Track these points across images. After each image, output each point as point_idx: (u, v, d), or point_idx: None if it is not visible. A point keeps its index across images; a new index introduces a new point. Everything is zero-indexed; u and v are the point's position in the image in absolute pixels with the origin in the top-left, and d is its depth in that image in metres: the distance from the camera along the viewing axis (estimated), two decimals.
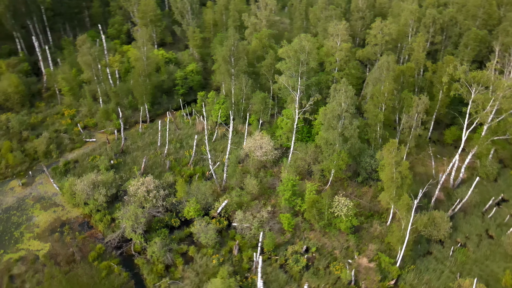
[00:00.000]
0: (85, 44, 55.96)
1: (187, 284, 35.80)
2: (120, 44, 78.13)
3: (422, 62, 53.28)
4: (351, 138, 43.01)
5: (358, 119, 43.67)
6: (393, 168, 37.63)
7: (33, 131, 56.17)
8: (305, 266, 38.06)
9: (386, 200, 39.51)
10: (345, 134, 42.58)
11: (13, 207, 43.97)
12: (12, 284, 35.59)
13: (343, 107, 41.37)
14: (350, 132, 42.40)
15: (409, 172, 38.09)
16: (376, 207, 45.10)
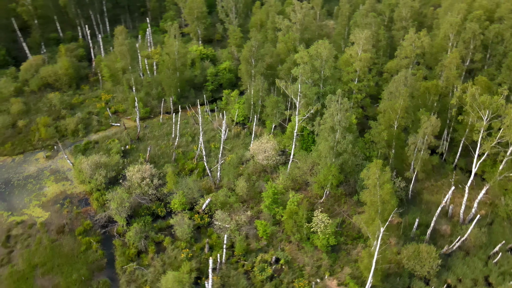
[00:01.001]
0: (121, 35, 60.19)
1: (150, 272, 37.35)
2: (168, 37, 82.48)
3: (452, 81, 48.57)
4: (344, 153, 40.98)
5: (353, 134, 41.33)
6: (375, 190, 35.24)
7: (71, 111, 62.09)
8: (269, 276, 37.40)
9: (360, 222, 37.09)
10: (337, 149, 40.72)
11: (32, 176, 49.33)
12: (6, 243, 40.20)
13: (335, 120, 39.56)
14: (342, 146, 40.44)
15: (392, 197, 35.36)
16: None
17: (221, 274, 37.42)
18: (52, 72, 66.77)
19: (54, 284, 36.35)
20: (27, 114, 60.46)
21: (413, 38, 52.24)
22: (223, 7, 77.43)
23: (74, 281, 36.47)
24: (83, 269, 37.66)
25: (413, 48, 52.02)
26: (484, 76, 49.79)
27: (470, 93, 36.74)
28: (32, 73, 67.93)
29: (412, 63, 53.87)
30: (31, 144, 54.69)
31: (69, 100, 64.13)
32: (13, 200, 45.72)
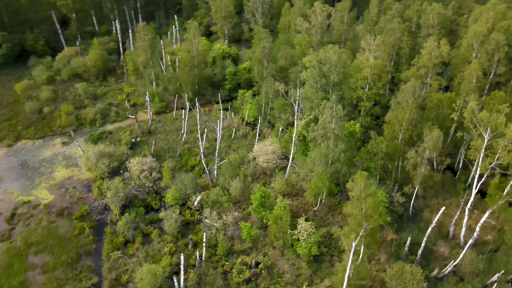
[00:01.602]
0: (143, 31, 62.32)
1: (132, 261, 38.52)
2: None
3: (470, 95, 45.45)
4: (336, 162, 39.78)
5: (347, 143, 39.90)
6: (358, 203, 33.92)
7: (94, 101, 65.26)
8: (246, 279, 37.23)
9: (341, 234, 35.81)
10: (330, 157, 39.61)
11: (46, 160, 52.55)
12: (10, 220, 43.19)
13: (328, 127, 38.49)
14: (335, 155, 39.27)
15: (375, 211, 33.79)
16: None
17: (199, 272, 37.80)
18: (82, 63, 70.55)
19: (44, 263, 38.56)
20: (54, 101, 64.36)
21: (432, 47, 49.56)
22: (250, 7, 77.67)
23: (61, 263, 38.46)
24: (72, 252, 39.63)
25: (431, 57, 49.32)
26: (507, 91, 46.25)
27: (469, 108, 34.22)
28: (64, 63, 72.22)
29: (430, 73, 51.14)
30: (52, 130, 58.23)
31: (94, 90, 67.41)
32: (25, 181, 48.97)
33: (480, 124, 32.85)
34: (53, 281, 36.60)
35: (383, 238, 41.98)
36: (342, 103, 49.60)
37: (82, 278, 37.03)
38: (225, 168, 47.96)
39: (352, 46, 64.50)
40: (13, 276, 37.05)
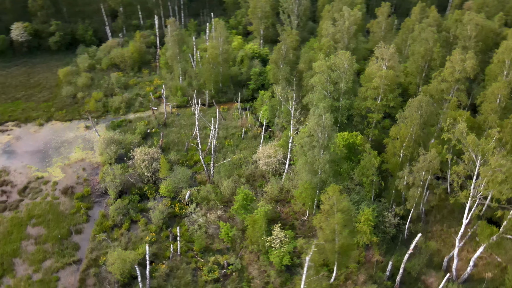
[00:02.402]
0: (171, 26, 64.53)
1: (114, 245, 40.30)
2: (234, 34, 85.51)
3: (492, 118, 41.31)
4: (322, 173, 38.26)
5: (330, 154, 38.06)
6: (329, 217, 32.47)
7: (124, 90, 69.02)
8: (215, 279, 37.31)
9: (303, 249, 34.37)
10: (314, 166, 38.20)
11: (67, 141, 56.67)
12: (22, 193, 47.30)
13: (314, 135, 37.12)
14: (319, 165, 37.80)
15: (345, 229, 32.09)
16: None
17: (172, 264, 38.59)
18: (120, 54, 74.91)
19: (39, 235, 41.78)
20: (89, 88, 69.10)
21: (456, 60, 45.58)
22: (286, 9, 76.93)
23: (53, 237, 41.39)
24: (64, 229, 42.48)
25: (453, 71, 45.39)
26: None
27: (458, 129, 30.93)
28: (105, 53, 77.16)
29: (453, 89, 47.09)
30: (79, 114, 62.61)
31: (126, 80, 71.25)
32: (45, 158, 53.26)
33: (469, 149, 29.64)
34: (41, 253, 39.54)
35: (368, 258, 39.68)
36: (350, 112, 47.83)
37: (66, 254, 39.55)
38: (221, 167, 48.26)
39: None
40: (9, 243, 40.64)
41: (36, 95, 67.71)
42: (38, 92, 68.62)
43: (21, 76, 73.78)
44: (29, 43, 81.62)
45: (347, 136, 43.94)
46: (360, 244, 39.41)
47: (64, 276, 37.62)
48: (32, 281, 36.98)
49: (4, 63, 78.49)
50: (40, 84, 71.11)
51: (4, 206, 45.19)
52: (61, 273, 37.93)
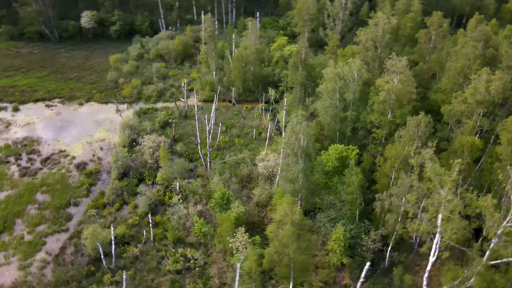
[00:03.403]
0: (207, 22, 66.37)
1: (99, 222, 43.11)
2: (282, 34, 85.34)
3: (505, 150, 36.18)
4: (295, 182, 36.84)
5: (305, 164, 36.18)
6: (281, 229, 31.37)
7: (162, 80, 72.87)
8: (177, 270, 38.11)
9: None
10: (288, 176, 36.93)
11: (97, 121, 61.58)
12: (43, 162, 52.66)
13: (289, 142, 35.84)
14: (293, 174, 36.44)
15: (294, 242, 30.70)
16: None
17: (144, 249, 40.23)
18: (166, 46, 79.11)
19: (43, 202, 46.32)
20: (131, 75, 74.11)
21: (483, 80, 40.60)
22: (331, 13, 74.63)
23: (53, 205, 45.60)
24: (65, 200, 46.51)
25: (475, 93, 40.50)
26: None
27: (424, 154, 27.32)
28: (154, 44, 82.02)
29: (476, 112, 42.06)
30: (115, 97, 67.57)
31: (166, 71, 75.13)
32: (73, 134, 58.59)
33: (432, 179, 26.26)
34: (38, 218, 43.83)
35: (337, 281, 37.37)
36: (356, 125, 45.37)
37: (58, 222, 43.33)
38: (217, 164, 48.82)
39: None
40: (17, 204, 45.69)
41: (86, 77, 74.44)
42: (88, 75, 75.37)
43: (80, 59, 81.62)
44: (95, 30, 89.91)
45: (341, 149, 41.65)
46: (330, 263, 37.37)
47: (50, 242, 41.31)
48: (23, 241, 41.22)
49: (71, 46, 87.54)
50: (92, 68, 78.02)
51: (25, 172, 50.77)
52: (49, 239, 41.71)
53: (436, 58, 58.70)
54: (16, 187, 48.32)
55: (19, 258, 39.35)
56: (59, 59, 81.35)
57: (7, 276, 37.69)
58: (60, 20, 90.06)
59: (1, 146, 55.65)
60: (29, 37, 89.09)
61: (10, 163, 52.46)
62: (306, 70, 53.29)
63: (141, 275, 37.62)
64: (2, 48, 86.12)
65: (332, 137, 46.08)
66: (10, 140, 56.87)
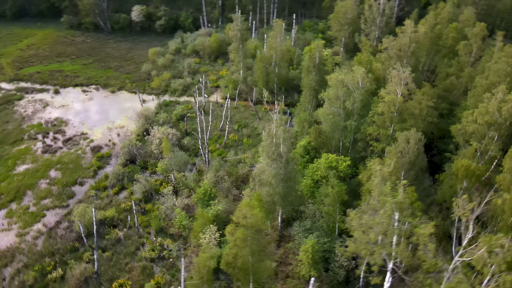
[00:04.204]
0: (235, 21, 67.02)
1: (96, 202, 45.72)
2: (320, 38, 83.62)
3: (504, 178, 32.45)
4: (268, 186, 36.13)
5: (280, 169, 35.04)
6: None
7: (192, 75, 75.15)
8: (151, 258, 39.26)
9: None
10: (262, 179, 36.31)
11: (122, 109, 65.11)
12: (65, 142, 56.91)
13: (265, 145, 35.19)
14: (268, 178, 35.77)
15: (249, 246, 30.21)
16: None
17: (127, 234, 42.00)
18: (201, 42, 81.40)
19: (54, 178, 50.12)
20: (165, 68, 77.32)
21: (497, 100, 36.71)
22: (368, 18, 71.55)
23: (61, 182, 49.17)
24: (73, 178, 49.91)
25: (486, 113, 36.71)
26: None
27: (378, 171, 24.92)
28: (192, 40, 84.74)
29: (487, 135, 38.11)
30: (144, 89, 70.96)
31: (197, 67, 77.34)
32: (97, 119, 62.64)
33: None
34: (45, 193, 47.56)
35: None
36: (356, 136, 43.49)
37: (61, 198, 46.67)
38: (215, 161, 49.33)
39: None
40: (32, 178, 49.96)
41: (124, 67, 79.02)
42: (127, 65, 79.95)
43: (124, 50, 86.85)
44: (143, 24, 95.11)
45: (331, 158, 40.01)
46: (300, 275, 36.21)
47: (49, 215, 44.66)
48: (27, 211, 45.03)
49: (120, 37, 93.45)
50: (132, 59, 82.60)
51: (47, 149, 55.32)
52: (49, 212, 45.09)
53: (469, 72, 53.83)
54: (36, 162, 52.84)
55: (19, 226, 43.07)
56: (106, 49, 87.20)
57: (5, 240, 41.47)
58: (113, 13, 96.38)
59: (34, 124, 61.14)
60: (86, 27, 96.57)
61: (37, 140, 57.45)
62: (320, 75, 51.77)
63: (118, 257, 39.33)
64: (61, 35, 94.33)
65: (329, 146, 44.39)
66: (43, 119, 62.25)
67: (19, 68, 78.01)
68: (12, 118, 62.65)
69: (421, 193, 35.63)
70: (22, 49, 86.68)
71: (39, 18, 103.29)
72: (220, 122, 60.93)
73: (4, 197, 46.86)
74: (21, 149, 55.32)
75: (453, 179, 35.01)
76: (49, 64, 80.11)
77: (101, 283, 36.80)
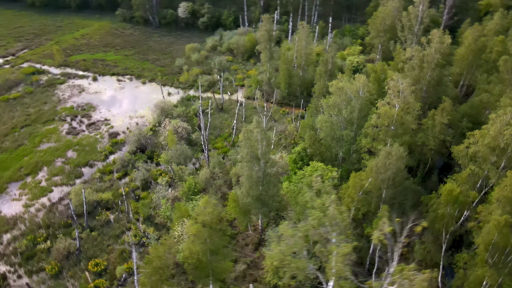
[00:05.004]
0: (264, 21, 66.87)
1: (99, 185, 48.42)
2: (358, 44, 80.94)
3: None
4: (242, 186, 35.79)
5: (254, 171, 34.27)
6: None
7: (221, 72, 76.46)
8: (133, 243, 40.80)
9: None
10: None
11: (147, 100, 67.96)
12: (88, 127, 60.91)
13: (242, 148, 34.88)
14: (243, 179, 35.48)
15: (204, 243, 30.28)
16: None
17: (117, 218, 44.01)
18: (236, 41, 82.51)
19: (69, 157, 53.87)
20: (198, 64, 79.51)
21: (501, 122, 33.10)
22: (405, 25, 67.57)
23: (74, 162, 52.75)
24: (85, 160, 53.27)
25: (489, 135, 33.22)
26: None
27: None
28: (228, 38, 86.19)
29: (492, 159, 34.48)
30: (172, 82, 73.58)
31: (228, 65, 78.57)
32: (123, 107, 66.15)
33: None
34: (58, 170, 51.28)
35: None
36: (351, 148, 41.81)
37: (69, 177, 50.08)
38: (215, 157, 49.85)
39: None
40: (50, 155, 54.13)
41: (160, 60, 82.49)
42: (163, 59, 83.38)
43: (165, 44, 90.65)
44: (187, 20, 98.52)
45: (317, 167, 38.63)
46: (266, 281, 35.58)
47: (55, 191, 48.15)
48: (38, 185, 48.96)
49: (165, 32, 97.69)
50: (170, 53, 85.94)
51: (71, 131, 59.61)
52: (56, 188, 48.58)
53: (500, 90, 48.94)
54: (58, 141, 57.21)
55: (28, 198, 46.98)
56: (149, 42, 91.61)
57: (13, 209, 45.51)
58: (162, 8, 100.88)
59: (67, 106, 66.16)
60: (136, 20, 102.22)
61: (65, 122, 62.11)
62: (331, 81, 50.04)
63: (103, 238, 41.41)
64: (113, 27, 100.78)
65: (324, 155, 42.85)
66: (76, 103, 67.12)
67: (69, 55, 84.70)
68: (50, 100, 68.30)
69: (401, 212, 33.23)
70: (76, 38, 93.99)
71: (98, 11, 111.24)
72: (232, 120, 61.37)
73: (23, 170, 51.33)
74: (49, 129, 60.18)
75: (435, 203, 32.11)
76: (95, 53, 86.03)
77: (80, 260, 38.98)
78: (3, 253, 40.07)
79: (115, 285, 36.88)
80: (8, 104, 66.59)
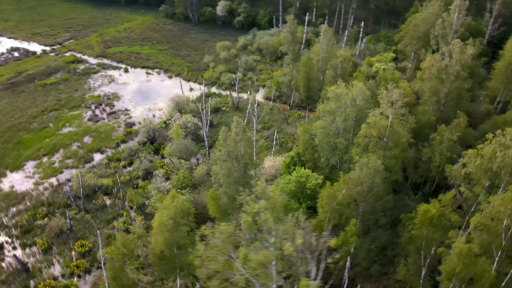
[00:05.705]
0: (289, 23, 66.05)
1: (105, 171, 50.71)
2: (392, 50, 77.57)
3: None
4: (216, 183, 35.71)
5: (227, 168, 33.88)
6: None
7: (247, 71, 76.82)
8: (122, 229, 42.26)
9: None
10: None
11: (169, 94, 69.75)
12: (108, 116, 63.93)
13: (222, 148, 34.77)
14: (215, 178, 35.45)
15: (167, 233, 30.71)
16: None
17: (113, 203, 45.84)
18: (265, 42, 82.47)
19: (85, 143, 56.84)
20: (225, 62, 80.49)
21: (496, 143, 30.19)
22: (438, 32, 63.52)
23: (87, 148, 55.62)
24: (98, 146, 55.90)
25: (481, 157, 30.42)
26: None
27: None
28: (259, 38, 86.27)
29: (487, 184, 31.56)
30: (196, 78, 75.06)
31: (254, 65, 78.77)
32: (145, 99, 68.64)
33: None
34: (73, 153, 54.27)
35: None
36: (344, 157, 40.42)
37: (80, 161, 52.93)
38: (215, 154, 50.09)
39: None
40: (69, 139, 57.48)
41: (191, 56, 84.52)
42: (194, 55, 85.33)
43: (199, 41, 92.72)
44: (225, 18, 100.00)
45: (302, 173, 37.60)
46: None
47: (65, 173, 51.10)
48: (51, 166, 52.29)
49: (202, 29, 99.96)
50: (202, 50, 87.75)
51: (93, 118, 62.93)
52: (66, 170, 51.49)
53: None
54: (79, 127, 60.68)
55: (39, 177, 50.33)
56: (185, 38, 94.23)
57: (24, 185, 49.00)
58: (202, 6, 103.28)
59: (95, 95, 69.91)
60: (178, 17, 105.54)
61: (90, 109, 65.67)
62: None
63: (95, 221, 43.34)
64: (155, 22, 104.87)
65: (317, 161, 41.55)
66: (103, 92, 70.74)
67: (108, 46, 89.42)
68: (82, 87, 72.56)
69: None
70: (119, 31, 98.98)
71: (145, 6, 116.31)
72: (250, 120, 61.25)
73: (42, 151, 55.05)
74: (74, 114, 64.00)
75: (411, 223, 29.84)
76: (132, 46, 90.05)
77: (69, 239, 41.09)
78: (5, 225, 43.27)
79: (95, 267, 38.44)
80: (44, 89, 71.67)
